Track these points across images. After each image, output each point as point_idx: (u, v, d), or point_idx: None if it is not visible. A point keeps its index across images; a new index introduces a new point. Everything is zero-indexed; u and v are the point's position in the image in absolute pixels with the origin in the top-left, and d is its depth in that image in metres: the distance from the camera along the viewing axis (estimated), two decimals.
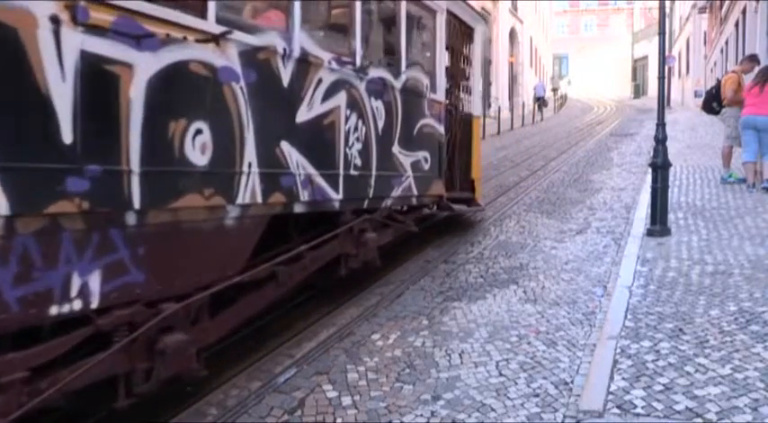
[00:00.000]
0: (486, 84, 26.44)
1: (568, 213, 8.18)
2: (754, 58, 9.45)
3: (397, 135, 5.29)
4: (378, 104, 4.93)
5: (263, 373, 3.97)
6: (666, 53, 9.25)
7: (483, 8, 25.22)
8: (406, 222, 6.01)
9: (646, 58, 45.93)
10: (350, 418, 3.37)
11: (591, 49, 55.71)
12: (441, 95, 6.27)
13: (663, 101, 6.78)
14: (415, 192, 5.73)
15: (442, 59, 6.32)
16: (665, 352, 3.68)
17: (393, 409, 3.42)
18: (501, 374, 3.72)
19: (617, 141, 16.41)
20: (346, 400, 3.55)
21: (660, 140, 6.57)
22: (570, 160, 13.39)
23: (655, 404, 3.11)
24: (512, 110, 24.61)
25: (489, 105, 25.40)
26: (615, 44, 54.55)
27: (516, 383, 3.59)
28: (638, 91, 43.06)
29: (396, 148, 5.28)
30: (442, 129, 6.29)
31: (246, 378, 3.91)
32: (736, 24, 18.89)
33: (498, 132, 20.05)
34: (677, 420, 2.98)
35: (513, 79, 31.26)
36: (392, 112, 5.18)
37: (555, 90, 37.88)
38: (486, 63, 9.16)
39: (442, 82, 6.28)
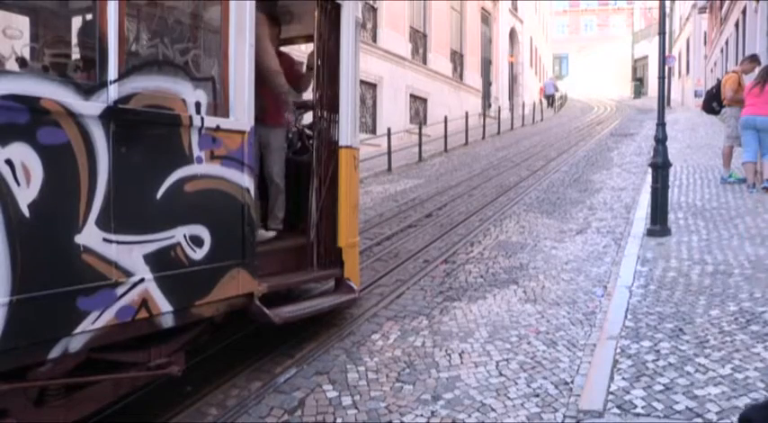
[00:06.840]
0: (487, 83, 26.50)
1: (568, 213, 8.17)
2: (755, 59, 9.44)
3: (97, 208, 2.91)
4: (15, 153, 2.54)
5: (263, 373, 3.97)
6: (666, 53, 9.25)
7: (483, 8, 25.33)
8: (151, 363, 3.35)
9: (646, 58, 46.04)
10: (350, 418, 3.37)
11: (591, 49, 55.77)
12: (243, 120, 3.73)
13: (663, 101, 6.78)
14: (162, 307, 3.21)
15: (244, 56, 3.75)
16: (666, 352, 3.68)
17: (393, 409, 3.42)
18: (501, 374, 3.72)
19: (617, 141, 16.40)
20: (346, 400, 3.55)
21: (660, 140, 6.58)
22: (570, 160, 13.38)
23: (655, 404, 3.11)
24: (512, 110, 24.63)
25: (489, 105, 25.47)
26: (615, 44, 54.62)
27: (516, 383, 3.59)
28: (638, 91, 43.13)
29: (90, 236, 2.87)
30: (247, 179, 3.75)
31: (246, 378, 3.91)
32: (736, 24, 18.91)
33: (498, 132, 20.11)
34: (677, 420, 2.98)
35: (513, 79, 31.30)
36: (73, 166, 2.81)
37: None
38: (357, 58, 4.82)
39: (244, 96, 3.76)
